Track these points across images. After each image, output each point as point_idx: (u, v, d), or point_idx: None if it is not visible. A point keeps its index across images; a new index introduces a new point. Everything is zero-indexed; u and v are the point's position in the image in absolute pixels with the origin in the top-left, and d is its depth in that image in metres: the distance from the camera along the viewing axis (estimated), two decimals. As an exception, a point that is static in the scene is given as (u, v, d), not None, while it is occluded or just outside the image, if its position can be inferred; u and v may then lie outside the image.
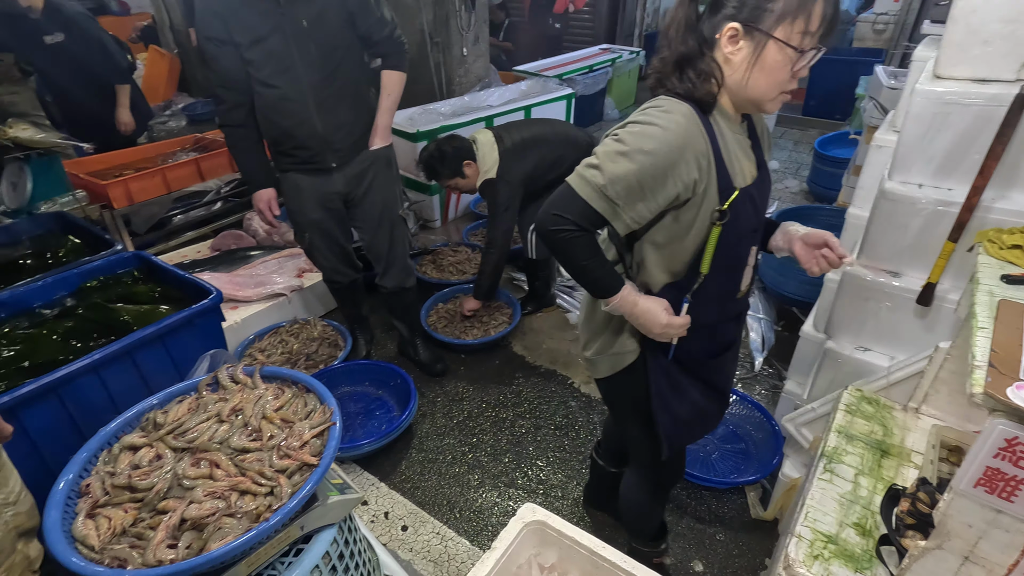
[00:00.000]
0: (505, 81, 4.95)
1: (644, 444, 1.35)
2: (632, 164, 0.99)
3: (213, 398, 1.25)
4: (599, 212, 1.02)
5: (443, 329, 2.74)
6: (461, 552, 1.78)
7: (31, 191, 2.60)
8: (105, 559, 0.93)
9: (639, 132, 1.00)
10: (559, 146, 2.56)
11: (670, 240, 1.09)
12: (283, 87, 1.86)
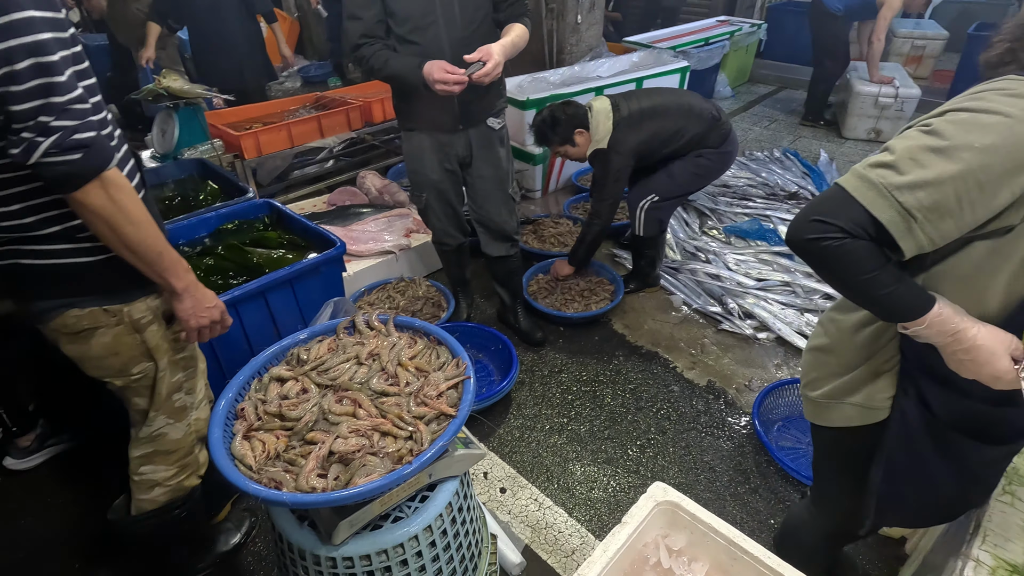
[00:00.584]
0: (614, 52, 4.77)
1: (839, 504, 1.16)
2: (953, 165, 0.74)
3: (350, 341, 1.29)
4: (883, 225, 0.77)
5: (543, 300, 2.71)
6: (559, 522, 1.77)
7: (177, 138, 2.81)
8: (263, 479, 0.98)
9: (968, 122, 0.75)
10: (678, 118, 2.43)
11: (980, 270, 0.82)
12: (423, 44, 1.85)
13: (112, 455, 2.01)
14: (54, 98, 0.89)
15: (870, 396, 0.97)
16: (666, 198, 2.54)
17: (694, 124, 2.43)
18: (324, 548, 1.06)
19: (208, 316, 1.21)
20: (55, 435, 1.99)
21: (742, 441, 2.05)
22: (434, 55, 1.84)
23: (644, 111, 2.41)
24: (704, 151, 2.47)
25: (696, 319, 2.69)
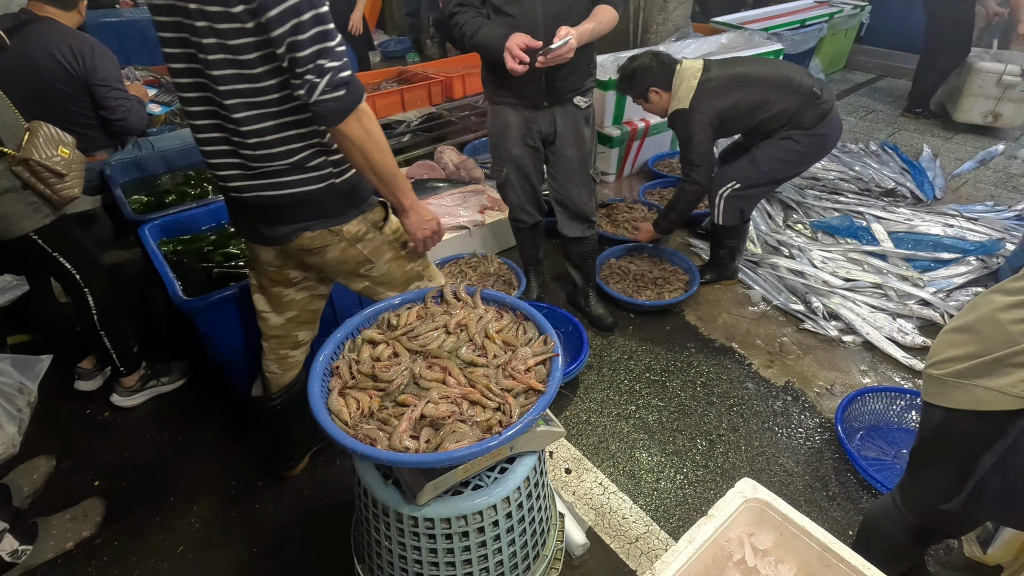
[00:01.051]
0: (701, 33, 4.56)
1: (935, 495, 1.09)
2: None
3: (438, 310, 1.32)
4: None
5: (615, 285, 2.67)
6: (623, 508, 1.76)
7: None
8: (358, 435, 1.02)
9: None
10: (769, 89, 2.29)
11: None
12: (517, 16, 1.83)
13: (205, 398, 2.16)
14: (328, 43, 1.04)
15: (1012, 383, 0.91)
16: (748, 186, 2.43)
17: (786, 98, 2.29)
18: (407, 507, 1.10)
19: (428, 227, 1.37)
20: (155, 377, 2.16)
21: (821, 447, 1.96)
22: (527, 28, 1.81)
23: (735, 77, 2.30)
24: (793, 132, 2.32)
25: (775, 316, 2.58)
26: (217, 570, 1.60)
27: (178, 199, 2.32)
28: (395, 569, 1.20)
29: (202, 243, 2.08)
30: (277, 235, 1.28)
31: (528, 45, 1.76)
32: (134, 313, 2.46)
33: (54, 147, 1.68)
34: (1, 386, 1.34)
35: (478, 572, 1.18)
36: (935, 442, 1.09)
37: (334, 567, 1.60)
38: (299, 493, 1.81)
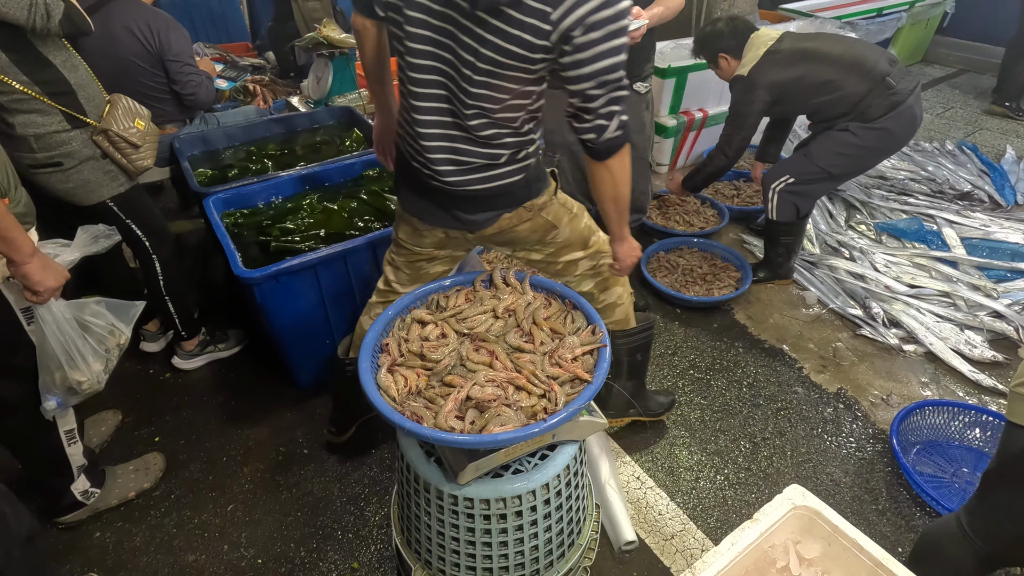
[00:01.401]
0: (768, 20, 4.36)
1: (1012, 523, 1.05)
2: None
3: (487, 294, 1.32)
4: None
5: (663, 279, 2.62)
6: (660, 504, 1.74)
7: (330, 86, 2.99)
8: (406, 411, 1.04)
9: None
10: (837, 69, 2.16)
11: None
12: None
13: (258, 366, 2.25)
14: (620, 90, 1.11)
15: None
16: (803, 181, 2.32)
17: (854, 81, 2.15)
18: (448, 485, 1.12)
19: (635, 255, 1.46)
20: (213, 343, 2.26)
21: (873, 458, 1.88)
22: None
23: (804, 51, 2.20)
24: (852, 124, 2.19)
25: (831, 320, 2.47)
26: (262, 530, 1.68)
27: (240, 173, 2.41)
28: (432, 544, 1.22)
29: (261, 217, 2.15)
30: (478, 221, 1.31)
31: None
32: (195, 281, 2.58)
33: (131, 119, 1.77)
34: (92, 326, 1.44)
35: (513, 555, 1.19)
36: (1018, 467, 1.02)
37: (372, 536, 1.66)
38: (342, 462, 1.87)
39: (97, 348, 1.44)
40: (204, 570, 1.58)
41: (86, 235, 1.46)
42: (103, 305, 1.47)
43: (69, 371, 1.39)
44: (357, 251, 1.87)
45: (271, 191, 2.24)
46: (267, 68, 4.39)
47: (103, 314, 1.46)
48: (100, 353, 1.44)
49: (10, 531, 1.20)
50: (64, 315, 1.37)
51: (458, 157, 1.22)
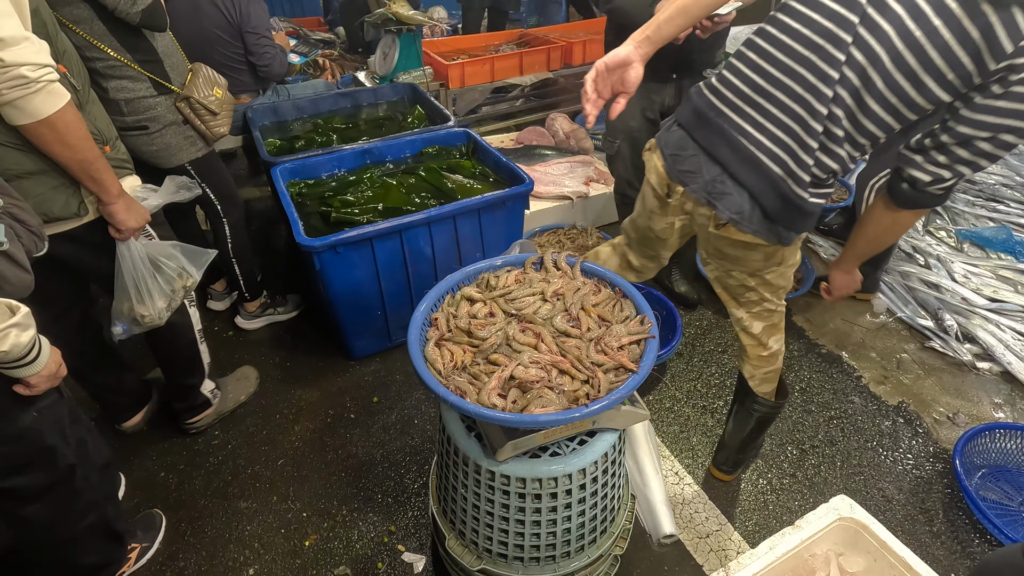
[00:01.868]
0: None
1: None
2: None
3: (537, 277, 1.32)
4: None
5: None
6: (697, 502, 1.71)
7: (396, 62, 3.03)
8: (450, 385, 1.07)
9: None
10: None
11: None
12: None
13: (314, 331, 2.36)
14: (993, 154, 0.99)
15: None
16: None
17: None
18: (487, 461, 1.14)
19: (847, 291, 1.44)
20: (273, 306, 2.38)
21: (931, 478, 1.78)
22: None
23: None
24: None
25: (897, 330, 2.34)
26: (307, 486, 1.77)
27: (306, 145, 2.49)
28: (467, 516, 1.25)
29: (323, 188, 2.23)
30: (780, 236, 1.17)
31: None
32: (260, 246, 2.71)
33: (211, 88, 1.86)
34: (164, 267, 1.57)
35: (546, 535, 1.21)
36: None
37: (410, 502, 1.72)
38: (386, 430, 1.94)
39: (164, 287, 1.56)
40: (254, 517, 1.69)
41: (172, 184, 1.60)
42: (178, 249, 1.60)
43: (136, 304, 1.53)
44: (412, 227, 1.91)
45: (334, 163, 2.31)
46: (336, 43, 4.50)
47: (176, 257, 1.59)
48: (166, 292, 1.57)
49: (91, 458, 1.32)
50: (140, 254, 1.50)
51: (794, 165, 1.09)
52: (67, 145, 1.25)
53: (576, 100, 3.95)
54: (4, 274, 1.02)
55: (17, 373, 1.02)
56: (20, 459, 1.14)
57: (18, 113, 1.16)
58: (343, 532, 1.64)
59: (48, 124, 1.19)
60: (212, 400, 1.93)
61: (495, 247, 2.12)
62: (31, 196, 1.27)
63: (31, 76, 1.13)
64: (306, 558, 1.58)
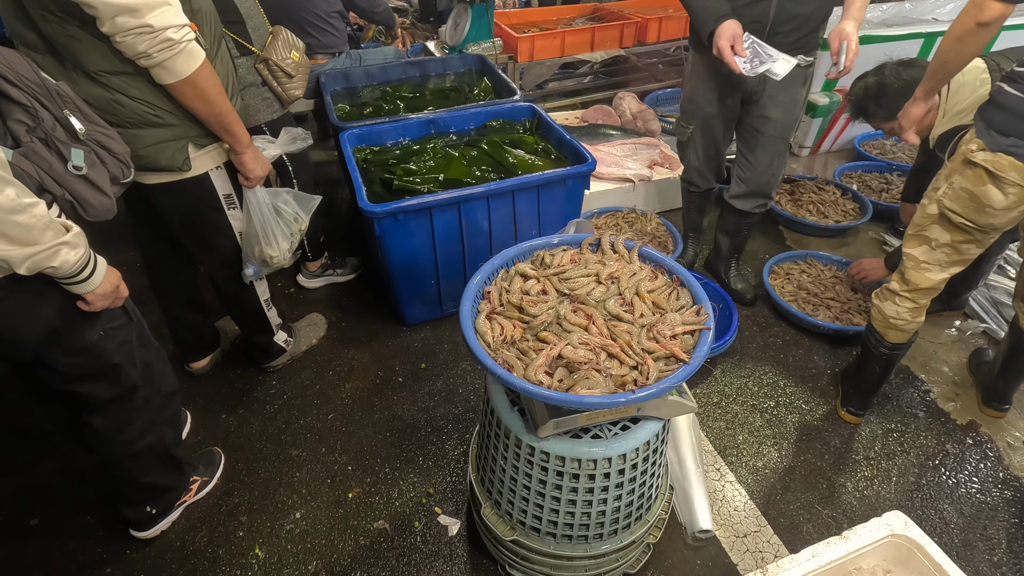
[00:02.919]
0: None
1: None
2: None
3: (592, 258, 1.31)
4: None
5: (788, 296, 2.30)
6: (738, 500, 1.68)
7: (467, 33, 3.02)
8: (498, 358, 1.08)
9: None
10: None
11: None
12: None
13: (363, 288, 2.43)
14: None
15: None
16: None
17: None
18: (528, 436, 1.15)
19: None
20: (333, 268, 2.47)
21: (997, 505, 1.67)
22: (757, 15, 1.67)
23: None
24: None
25: (977, 343, 2.17)
26: (355, 441, 1.85)
27: (374, 112, 2.54)
28: (504, 487, 1.28)
29: (388, 156, 2.27)
30: None
31: (736, 47, 1.62)
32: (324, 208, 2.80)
33: (288, 51, 1.91)
34: (284, 213, 1.72)
35: (580, 514, 1.22)
36: None
37: (449, 468, 1.76)
38: (431, 396, 1.99)
39: (285, 230, 1.72)
40: (303, 465, 1.78)
41: (287, 136, 1.73)
42: (291, 195, 1.75)
43: (265, 247, 1.69)
44: (470, 200, 1.92)
45: (399, 131, 2.35)
46: (409, 11, 4.52)
47: (291, 203, 1.74)
48: (287, 234, 1.73)
49: (155, 382, 1.44)
50: (265, 200, 1.66)
51: None
52: (206, 100, 1.35)
53: (646, 80, 3.82)
54: (85, 197, 1.11)
55: (75, 289, 1.10)
56: (88, 370, 1.26)
57: (165, 73, 1.27)
58: (384, 489, 1.71)
59: (189, 82, 1.29)
60: (286, 347, 2.08)
61: (552, 225, 2.11)
62: (145, 145, 1.38)
63: (175, 38, 1.22)
64: (348, 508, 1.66)
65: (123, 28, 1.16)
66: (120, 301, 1.22)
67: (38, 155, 1.04)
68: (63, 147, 1.08)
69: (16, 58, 1.05)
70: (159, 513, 1.57)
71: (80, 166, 1.10)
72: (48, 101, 1.08)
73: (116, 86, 1.28)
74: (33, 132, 1.04)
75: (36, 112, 1.04)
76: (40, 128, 1.05)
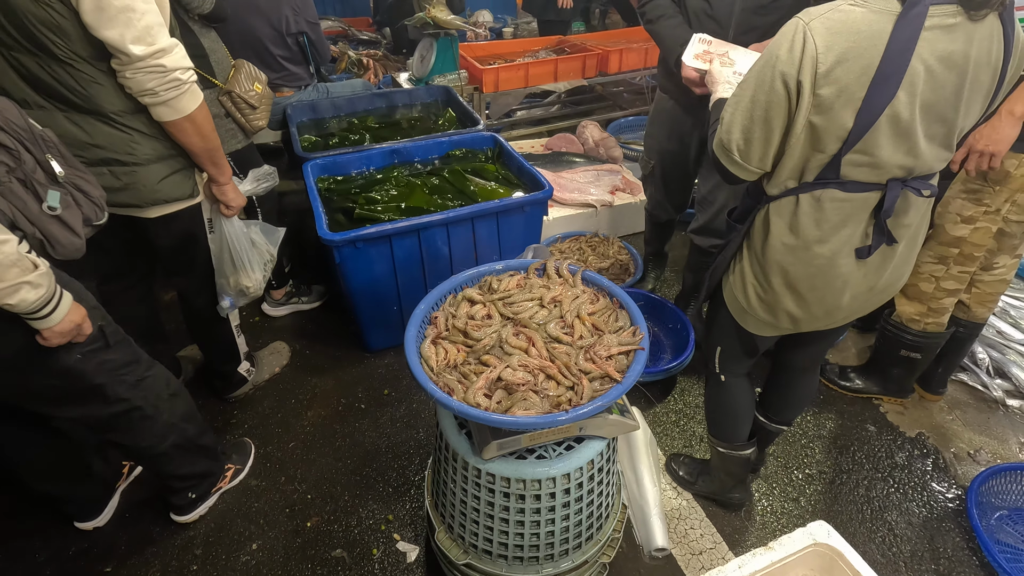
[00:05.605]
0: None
1: None
2: None
3: (538, 283, 1.35)
4: None
5: None
6: (693, 518, 1.70)
7: (432, 65, 3.11)
8: (440, 382, 1.11)
9: None
10: None
11: None
12: (713, 3, 1.67)
13: (328, 316, 2.44)
14: None
15: None
16: None
17: None
18: (474, 458, 1.18)
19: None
20: (297, 295, 2.48)
21: (943, 515, 1.72)
22: (719, 17, 1.67)
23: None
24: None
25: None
26: (315, 470, 1.84)
27: (339, 142, 2.58)
28: (456, 510, 1.29)
29: (351, 185, 2.31)
30: None
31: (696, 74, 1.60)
32: (290, 237, 2.82)
33: (251, 83, 1.96)
34: (258, 244, 1.78)
35: (529, 535, 1.23)
36: None
37: (409, 494, 1.77)
38: (394, 422, 2.00)
39: (258, 260, 1.77)
40: (262, 495, 1.77)
41: (253, 175, 1.81)
42: (259, 227, 1.80)
43: (241, 276, 1.74)
44: (430, 227, 1.96)
45: (363, 161, 2.39)
46: (382, 43, 4.63)
47: (259, 234, 1.80)
48: (260, 264, 1.78)
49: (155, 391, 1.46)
50: (241, 229, 1.71)
51: None
52: (202, 135, 1.44)
53: (608, 108, 3.95)
54: (56, 236, 1.16)
55: (33, 324, 1.13)
56: (71, 392, 1.30)
57: (169, 111, 1.34)
58: (343, 517, 1.71)
59: (191, 119, 1.38)
60: (248, 377, 2.09)
61: (512, 250, 2.15)
62: (161, 178, 1.46)
63: (183, 79, 1.32)
64: (306, 538, 1.65)
65: (136, 65, 1.24)
66: (82, 338, 1.24)
67: (14, 194, 1.09)
68: (40, 188, 1.13)
69: (7, 104, 1.11)
70: (198, 498, 1.68)
71: (55, 207, 1.15)
72: (32, 145, 1.13)
73: (133, 125, 1.37)
74: (12, 173, 1.09)
75: (19, 155, 1.10)
76: (20, 169, 1.10)
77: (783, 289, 1.18)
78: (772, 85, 0.97)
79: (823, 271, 1.12)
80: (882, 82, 0.91)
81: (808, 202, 1.07)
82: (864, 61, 0.90)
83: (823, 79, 0.92)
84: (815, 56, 0.91)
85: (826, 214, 1.07)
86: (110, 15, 1.18)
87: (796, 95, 0.96)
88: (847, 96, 0.93)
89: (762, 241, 1.17)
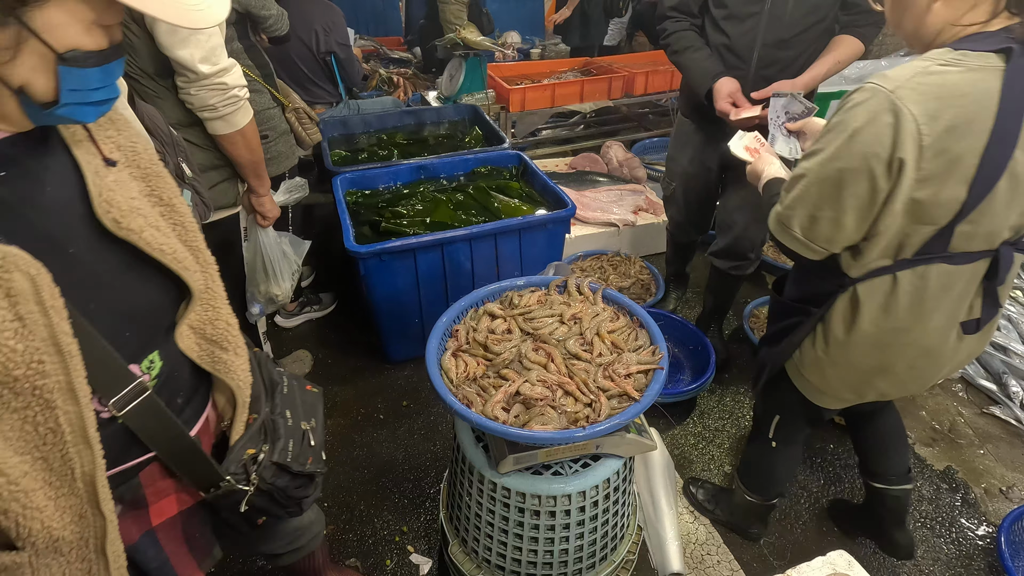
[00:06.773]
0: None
1: None
2: None
3: (558, 299, 1.36)
4: None
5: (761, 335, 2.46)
6: (711, 543, 1.67)
7: (461, 84, 3.18)
8: (459, 395, 1.12)
9: None
10: None
11: None
12: (732, 38, 1.68)
13: (349, 326, 2.48)
14: None
15: None
16: None
17: None
18: (490, 471, 1.18)
19: None
20: (310, 304, 2.53)
21: (971, 553, 1.65)
22: (740, 51, 1.68)
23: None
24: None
25: (955, 390, 2.19)
26: (332, 478, 1.86)
27: (368, 158, 2.65)
28: (471, 524, 1.29)
29: (378, 199, 2.37)
30: None
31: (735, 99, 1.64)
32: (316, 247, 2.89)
33: (299, 100, 2.04)
34: (287, 255, 1.85)
35: (543, 552, 1.23)
36: None
37: (424, 507, 1.77)
38: (411, 435, 2.02)
39: (287, 270, 1.84)
40: (280, 501, 1.79)
41: (285, 186, 1.88)
42: (287, 239, 1.87)
43: (272, 285, 1.81)
44: (453, 242, 2.00)
45: (391, 176, 2.45)
46: (412, 62, 4.75)
47: (288, 247, 1.87)
48: (289, 274, 1.85)
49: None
50: (275, 239, 1.79)
51: None
52: (250, 149, 1.53)
53: (633, 129, 3.97)
54: None
55: None
56: None
57: (224, 124, 1.44)
58: (358, 526, 1.72)
59: (242, 132, 1.48)
60: None
61: (534, 267, 2.17)
62: (210, 186, 1.54)
63: (240, 95, 1.42)
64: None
65: (202, 82, 1.33)
66: None
67: None
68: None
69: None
70: None
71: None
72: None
73: (187, 136, 1.45)
74: None
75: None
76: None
77: (876, 373, 1.09)
78: (850, 164, 0.88)
79: (926, 352, 1.03)
80: (998, 144, 0.83)
81: (909, 280, 0.97)
82: (977, 125, 0.83)
83: (929, 151, 0.84)
84: (917, 128, 0.83)
85: (930, 291, 0.97)
86: (183, 36, 1.28)
87: (896, 173, 0.87)
88: (959, 165, 0.85)
89: (847, 327, 1.06)
